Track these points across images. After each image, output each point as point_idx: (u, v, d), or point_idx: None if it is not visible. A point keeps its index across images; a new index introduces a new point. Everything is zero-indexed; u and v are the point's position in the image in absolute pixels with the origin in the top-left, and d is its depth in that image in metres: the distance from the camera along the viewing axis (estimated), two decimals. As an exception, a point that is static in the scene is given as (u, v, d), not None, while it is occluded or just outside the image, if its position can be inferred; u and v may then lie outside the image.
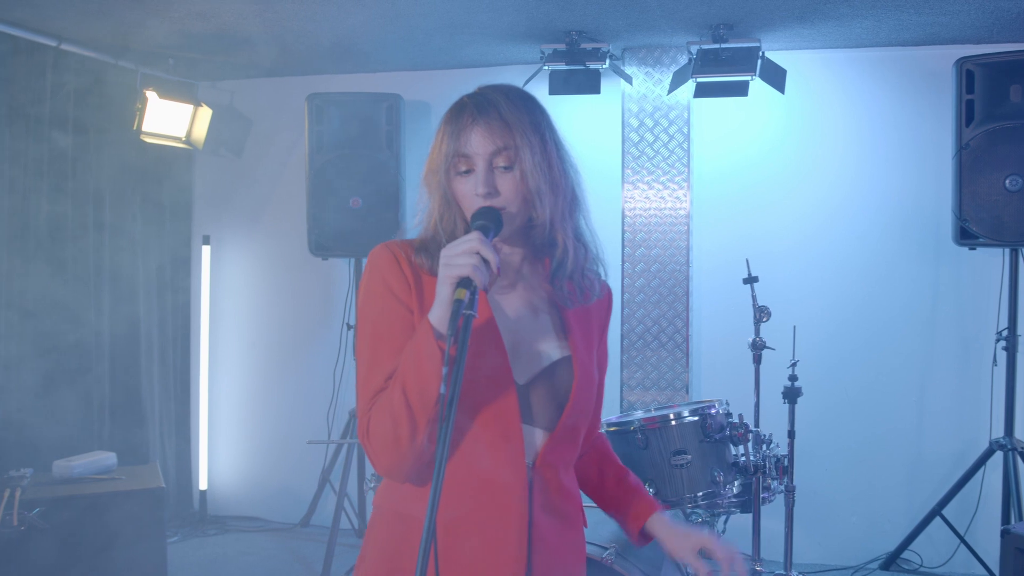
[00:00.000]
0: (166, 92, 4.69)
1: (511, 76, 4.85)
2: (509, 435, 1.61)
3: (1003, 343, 4.26)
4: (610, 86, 4.58)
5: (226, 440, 5.43)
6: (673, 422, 2.92)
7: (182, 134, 4.84)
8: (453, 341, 1.45)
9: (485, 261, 1.49)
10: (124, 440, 4.76)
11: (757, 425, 3.24)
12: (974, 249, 4.25)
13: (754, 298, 3.30)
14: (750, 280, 3.35)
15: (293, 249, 5.23)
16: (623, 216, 4.69)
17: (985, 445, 4.35)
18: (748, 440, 2.97)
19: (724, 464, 2.97)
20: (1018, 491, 4.14)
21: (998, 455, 4.28)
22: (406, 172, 4.85)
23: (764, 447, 3.04)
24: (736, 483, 2.98)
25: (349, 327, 5.03)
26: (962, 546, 4.40)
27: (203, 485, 5.38)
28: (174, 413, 5.29)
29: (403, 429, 1.56)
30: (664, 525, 1.81)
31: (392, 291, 1.66)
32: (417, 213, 1.77)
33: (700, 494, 2.91)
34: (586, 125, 4.79)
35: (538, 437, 1.64)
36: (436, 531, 1.38)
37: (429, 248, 1.70)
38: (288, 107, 5.18)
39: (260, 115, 5.32)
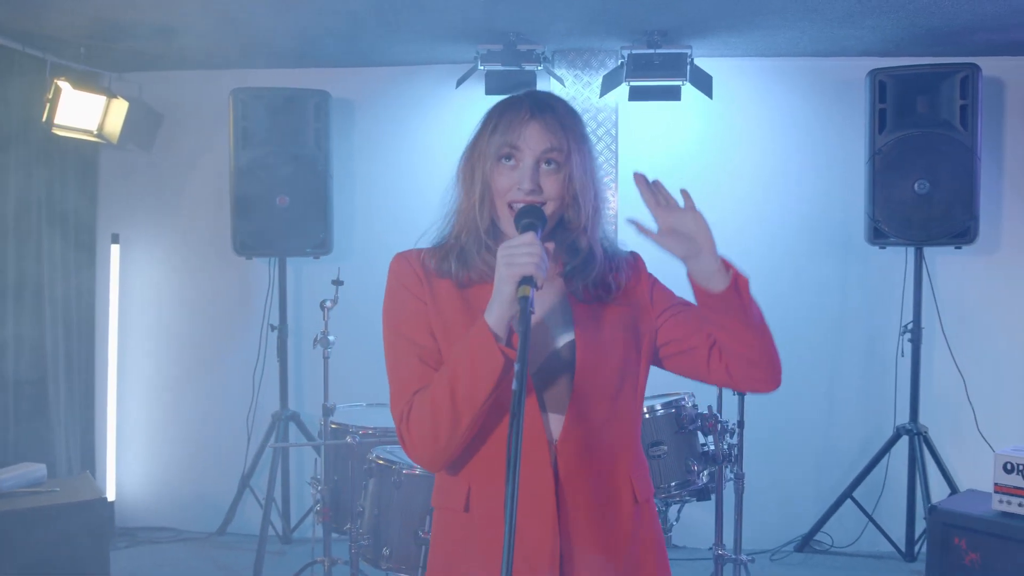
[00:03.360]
0: (79, 83, 4.44)
1: (442, 75, 4.87)
2: (530, 421, 1.66)
3: (908, 336, 4.59)
4: (541, 88, 4.65)
5: (136, 448, 5.18)
6: (647, 415, 3.01)
7: (94, 127, 4.60)
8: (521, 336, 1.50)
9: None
10: (30, 450, 4.48)
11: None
12: (884, 248, 4.56)
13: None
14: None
15: (210, 248, 5.05)
16: (552, 216, 4.76)
17: (889, 431, 4.67)
18: (718, 430, 3.10)
19: (696, 454, 3.10)
20: (924, 472, 4.47)
21: (902, 440, 4.61)
22: (334, 170, 4.77)
23: (728, 437, 3.19)
24: (705, 472, 3.11)
25: (272, 328, 4.90)
26: (869, 526, 4.70)
27: (110, 496, 5.11)
28: (79, 421, 5.01)
29: (444, 424, 1.62)
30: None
31: (406, 288, 1.75)
32: (446, 206, 1.81)
33: (673, 484, 3.02)
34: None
35: (554, 422, 1.69)
36: (515, 525, 1.40)
37: (443, 249, 1.77)
38: (204, 101, 5.00)
39: (172, 109, 5.10)
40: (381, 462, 3.44)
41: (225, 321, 5.12)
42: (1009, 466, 3.31)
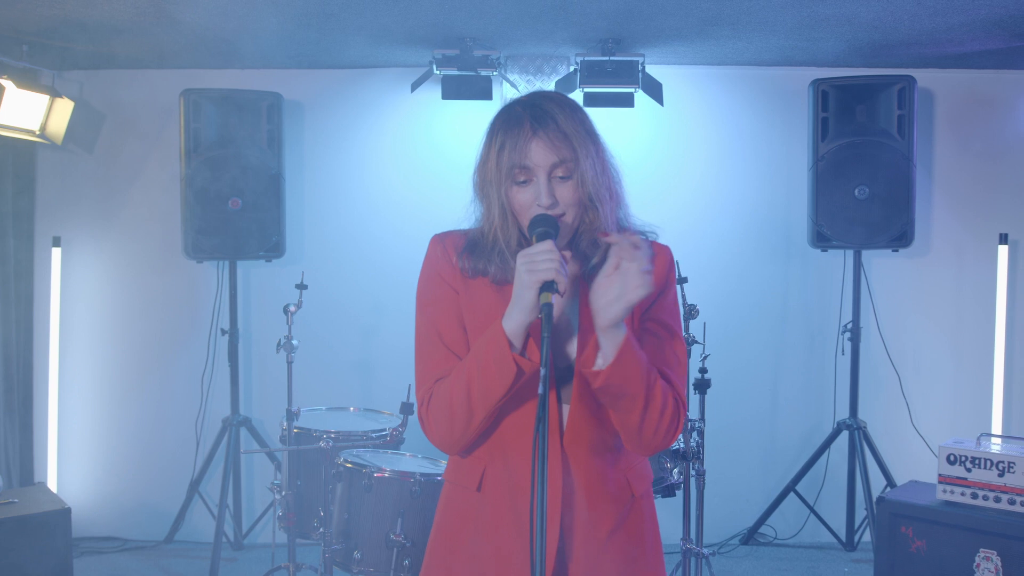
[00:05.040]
0: (22, 81, 4.31)
1: (396, 78, 4.88)
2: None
3: (848, 334, 4.78)
4: (496, 92, 4.69)
5: (78, 456, 5.03)
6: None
7: (36, 127, 4.47)
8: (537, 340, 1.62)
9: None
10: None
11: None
12: (826, 251, 4.74)
13: (684, 298, 3.53)
14: (680, 281, 3.57)
15: (156, 251, 4.95)
16: (505, 219, 4.81)
17: (829, 427, 4.87)
18: (687, 428, 3.20)
19: (668, 452, 3.19)
20: (864, 464, 4.67)
21: (842, 434, 4.80)
22: (287, 172, 4.74)
23: (694, 435, 3.29)
24: (675, 470, 3.21)
25: (223, 332, 4.83)
26: (810, 517, 4.89)
27: (51, 506, 4.97)
28: (19, 429, 4.86)
29: (459, 419, 1.73)
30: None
31: (439, 274, 1.83)
32: (472, 215, 1.85)
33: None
34: (468, 131, 4.86)
35: (565, 417, 1.78)
36: (541, 524, 1.48)
37: (479, 248, 1.81)
38: (150, 101, 4.90)
39: (115, 109, 4.96)
40: (350, 465, 3.45)
41: (172, 326, 5.02)
42: (952, 458, 3.49)
